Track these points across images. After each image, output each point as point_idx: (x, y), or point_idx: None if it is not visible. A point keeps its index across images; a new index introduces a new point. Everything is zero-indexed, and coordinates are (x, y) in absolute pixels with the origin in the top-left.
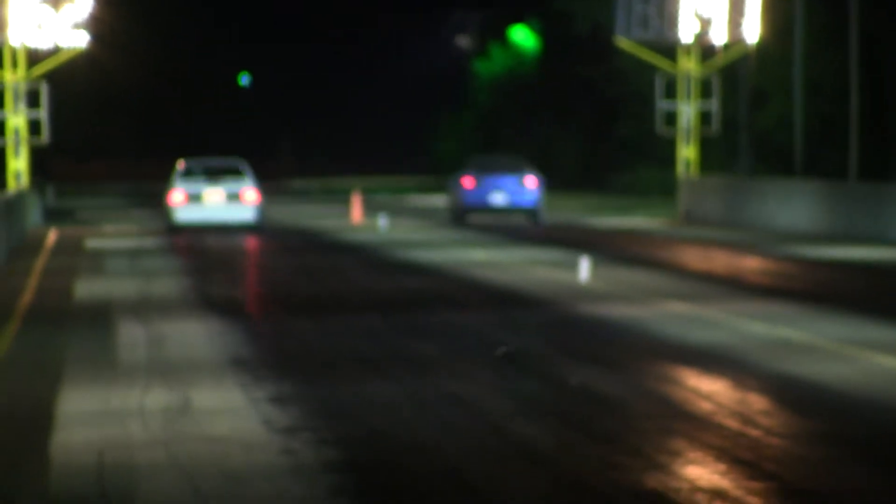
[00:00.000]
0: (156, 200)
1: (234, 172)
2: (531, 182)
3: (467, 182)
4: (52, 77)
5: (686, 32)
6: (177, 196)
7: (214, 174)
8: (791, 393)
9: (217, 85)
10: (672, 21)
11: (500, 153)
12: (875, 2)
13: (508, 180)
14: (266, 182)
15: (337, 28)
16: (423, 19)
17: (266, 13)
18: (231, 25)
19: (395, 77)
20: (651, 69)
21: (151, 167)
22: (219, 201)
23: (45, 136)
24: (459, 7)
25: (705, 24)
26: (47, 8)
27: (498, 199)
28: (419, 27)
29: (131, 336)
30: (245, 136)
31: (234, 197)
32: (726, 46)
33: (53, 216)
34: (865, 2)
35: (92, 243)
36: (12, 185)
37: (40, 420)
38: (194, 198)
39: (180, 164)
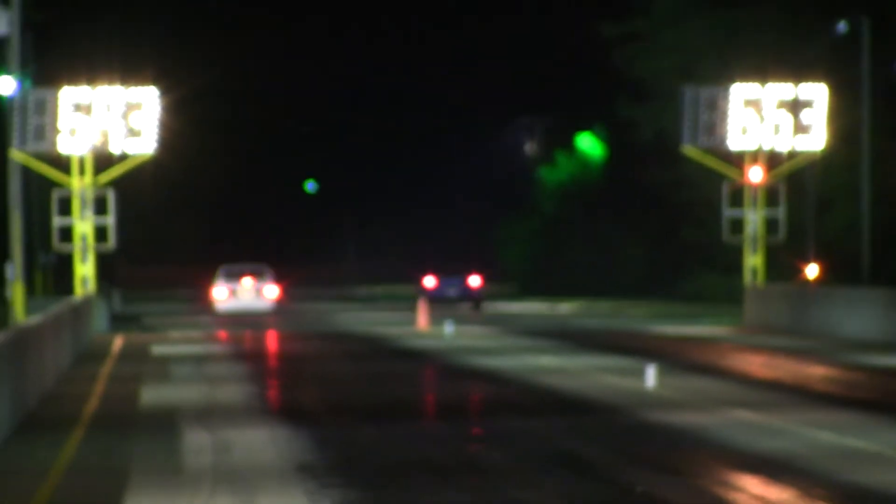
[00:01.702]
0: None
1: (260, 274)
2: (475, 280)
3: (430, 280)
4: (119, 183)
5: (751, 140)
6: (219, 292)
7: (245, 274)
8: (858, 502)
9: (284, 190)
10: (737, 129)
11: (452, 261)
12: None
13: (458, 279)
14: (330, 287)
15: (404, 133)
16: (491, 125)
17: (333, 118)
18: (299, 130)
19: (462, 183)
20: (717, 176)
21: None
22: (249, 295)
23: (111, 241)
24: (526, 114)
25: (771, 131)
26: (115, 115)
27: (451, 292)
28: (486, 133)
29: (197, 442)
30: (311, 243)
31: (258, 291)
32: (792, 154)
33: (119, 322)
34: None
35: (158, 349)
36: (79, 291)
37: None
38: (232, 291)
39: (222, 267)
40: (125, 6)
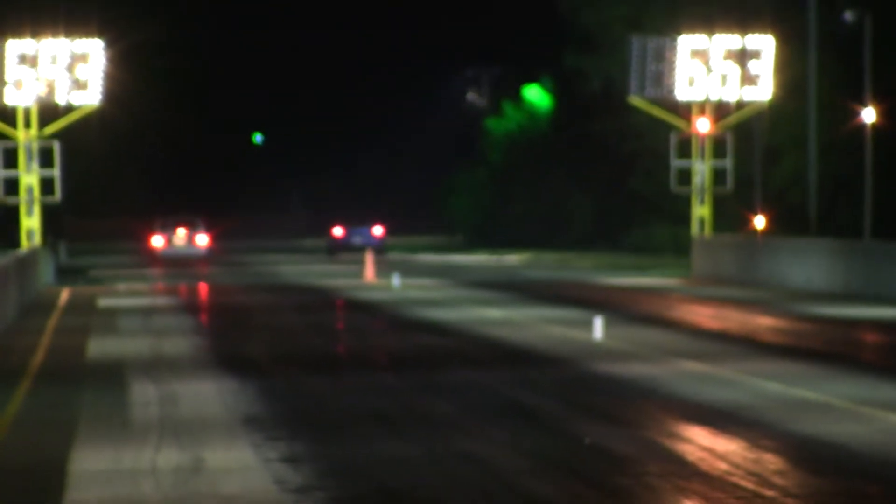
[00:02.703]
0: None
1: (193, 224)
2: (378, 230)
3: (338, 230)
4: (64, 136)
5: (699, 91)
6: (156, 240)
7: (179, 225)
8: (807, 453)
9: (230, 143)
10: (684, 80)
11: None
12: (889, 58)
13: (364, 230)
14: (278, 240)
15: (348, 85)
16: (438, 77)
17: (278, 72)
18: (244, 84)
19: (407, 134)
20: (665, 126)
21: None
22: (182, 242)
23: (57, 194)
24: (471, 64)
25: (719, 82)
26: (60, 67)
27: (357, 240)
28: (431, 84)
29: (144, 395)
30: (257, 195)
31: (191, 239)
32: (739, 105)
33: (66, 274)
34: (879, 57)
35: (104, 302)
36: (25, 244)
37: (53, 479)
38: (168, 240)
39: (157, 220)
40: None
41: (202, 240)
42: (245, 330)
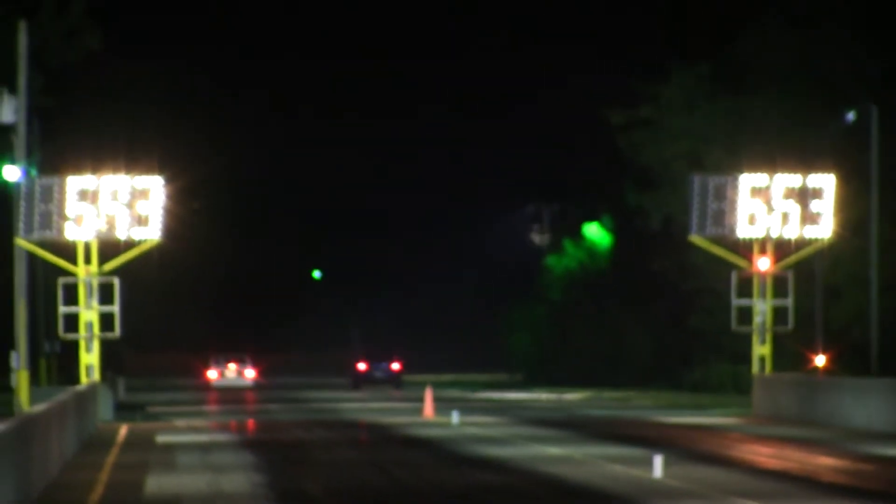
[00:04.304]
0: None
1: (242, 360)
2: (396, 365)
3: (362, 365)
4: (124, 271)
5: (760, 229)
6: (211, 373)
7: (231, 360)
8: None
9: (289, 278)
10: (745, 218)
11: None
12: None
13: (384, 364)
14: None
15: (411, 222)
16: (498, 213)
17: (338, 208)
18: (303, 220)
19: (467, 269)
20: (725, 264)
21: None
22: (233, 374)
23: (117, 330)
24: (533, 201)
25: (780, 220)
26: (120, 203)
27: (378, 374)
28: (493, 221)
29: None
30: (318, 330)
31: (240, 372)
32: (800, 243)
33: (124, 410)
34: None
35: (163, 437)
36: (84, 380)
37: None
38: (221, 373)
39: (212, 356)
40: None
41: (250, 373)
42: (303, 466)
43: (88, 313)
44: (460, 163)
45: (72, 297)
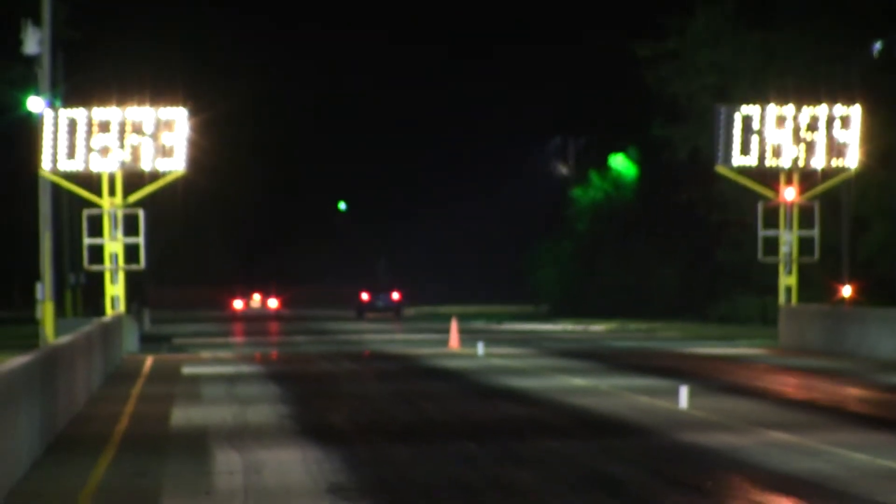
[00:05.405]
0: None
1: (266, 290)
2: (396, 295)
3: (365, 295)
4: (149, 203)
5: (786, 159)
6: (236, 303)
7: (256, 291)
8: None
9: (314, 210)
10: (772, 148)
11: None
12: None
13: (385, 295)
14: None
15: (436, 155)
16: (524, 146)
17: (364, 140)
18: (331, 152)
19: (493, 203)
20: (751, 195)
21: (250, 293)
22: (257, 305)
23: (142, 262)
24: (558, 134)
25: (806, 151)
26: (146, 134)
27: (380, 303)
28: (518, 154)
29: (228, 463)
30: (343, 261)
31: (264, 303)
32: (826, 173)
33: (150, 342)
34: None
35: (188, 369)
36: (109, 311)
37: None
38: (246, 303)
39: (237, 287)
40: (155, 26)
41: (273, 303)
42: (329, 398)
43: (113, 245)
44: (487, 96)
45: (96, 229)
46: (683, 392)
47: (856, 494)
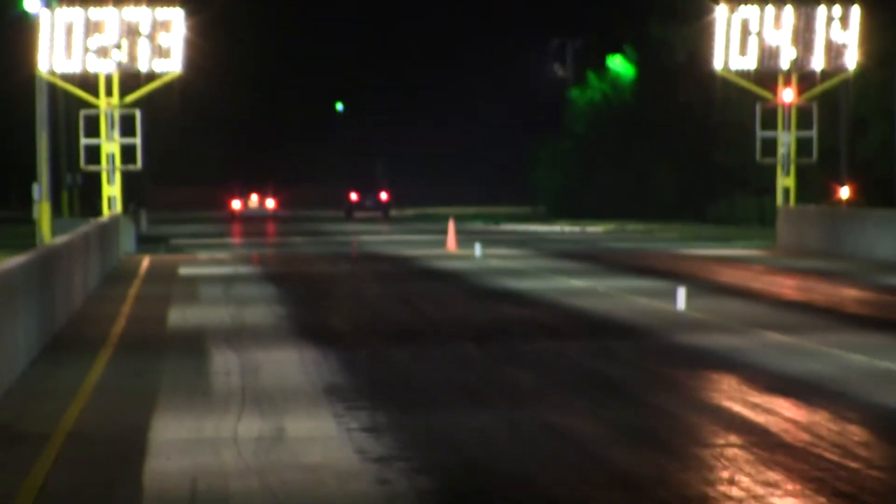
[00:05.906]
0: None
1: (263, 191)
2: (384, 195)
3: (353, 195)
4: (145, 104)
5: (784, 61)
6: (234, 203)
7: (254, 191)
8: (891, 425)
9: (311, 111)
10: (770, 49)
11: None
12: None
13: (373, 195)
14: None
15: (432, 55)
16: (520, 47)
17: (361, 41)
18: (327, 53)
19: (491, 104)
20: (750, 97)
21: (248, 193)
22: (255, 205)
23: (139, 162)
24: (557, 35)
25: (804, 52)
26: (142, 35)
27: (368, 203)
28: (516, 55)
29: (225, 364)
30: (339, 162)
31: (262, 203)
32: (825, 74)
33: (147, 243)
34: None
35: (185, 270)
36: (106, 212)
37: (134, 447)
38: (244, 203)
39: (235, 187)
40: None
41: (270, 203)
42: (326, 299)
43: (110, 145)
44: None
45: (93, 129)
46: (681, 293)
47: (853, 395)
